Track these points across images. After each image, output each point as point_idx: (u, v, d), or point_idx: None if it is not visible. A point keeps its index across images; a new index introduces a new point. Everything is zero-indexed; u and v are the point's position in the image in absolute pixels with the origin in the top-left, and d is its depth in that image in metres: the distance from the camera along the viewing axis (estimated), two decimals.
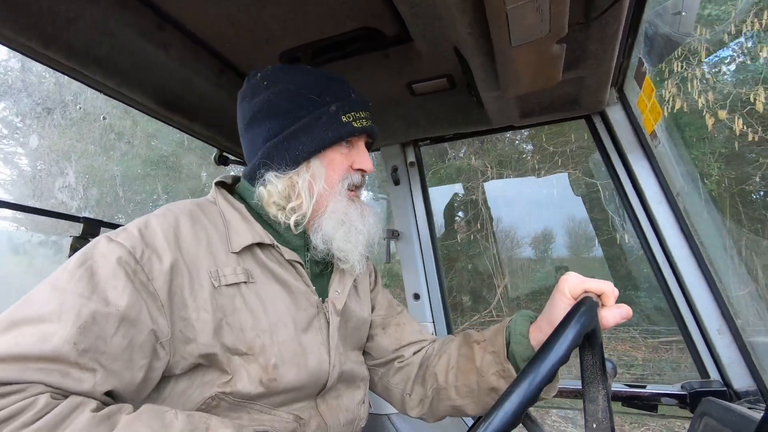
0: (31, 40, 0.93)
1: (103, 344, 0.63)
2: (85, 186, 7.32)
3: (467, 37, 0.88)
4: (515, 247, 8.00)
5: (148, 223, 0.76)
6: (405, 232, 1.82)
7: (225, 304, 0.76)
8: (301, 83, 0.89)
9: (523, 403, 0.50)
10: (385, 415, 1.67)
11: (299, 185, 0.86)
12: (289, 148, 0.86)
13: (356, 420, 0.94)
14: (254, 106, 0.89)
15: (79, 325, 0.62)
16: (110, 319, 0.64)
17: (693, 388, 1.28)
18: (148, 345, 0.68)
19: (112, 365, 0.65)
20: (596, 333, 0.62)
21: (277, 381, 0.77)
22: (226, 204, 0.87)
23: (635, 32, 1.11)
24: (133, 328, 0.67)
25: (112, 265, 0.68)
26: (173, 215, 0.79)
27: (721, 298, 1.24)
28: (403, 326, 1.09)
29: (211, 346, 0.73)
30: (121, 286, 0.67)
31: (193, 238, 0.78)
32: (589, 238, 7.61)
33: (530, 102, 1.36)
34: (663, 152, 1.34)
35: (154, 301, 0.69)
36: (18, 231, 6.85)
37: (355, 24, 1.10)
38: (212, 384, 0.74)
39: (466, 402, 0.92)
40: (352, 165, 0.91)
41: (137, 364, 0.68)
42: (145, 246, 0.72)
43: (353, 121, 0.89)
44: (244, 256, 0.82)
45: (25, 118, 7.14)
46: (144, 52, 1.10)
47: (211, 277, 0.76)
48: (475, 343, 0.94)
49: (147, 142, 8.34)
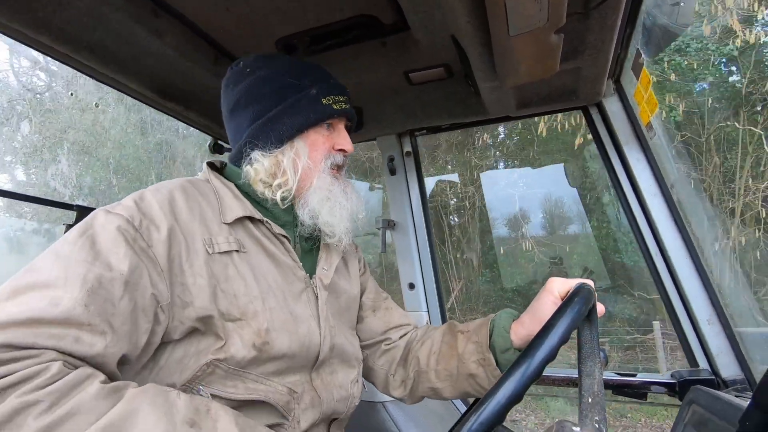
0: (23, 25, 0.91)
1: (112, 307, 0.65)
2: (78, 174, 7.24)
3: (465, 26, 0.88)
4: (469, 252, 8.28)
5: (143, 196, 0.79)
6: (401, 222, 1.83)
7: (218, 271, 0.79)
8: (281, 69, 0.94)
9: (531, 375, 0.53)
10: (380, 402, 1.69)
11: (284, 163, 0.92)
12: (273, 128, 0.91)
13: (350, 398, 0.97)
14: (238, 92, 0.94)
15: (87, 288, 0.63)
16: (115, 283, 0.66)
17: (682, 376, 1.31)
18: (150, 308, 0.71)
19: (122, 327, 0.66)
20: (595, 309, 0.68)
21: (269, 344, 0.80)
22: (218, 182, 0.92)
23: (633, 23, 1.11)
24: (137, 292, 0.69)
25: (112, 233, 0.70)
26: (167, 189, 0.82)
27: (711, 289, 1.26)
28: (391, 310, 1.16)
29: (207, 309, 0.75)
30: (122, 252, 0.69)
31: (188, 210, 0.81)
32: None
33: (527, 92, 1.36)
34: (658, 144, 1.35)
35: (154, 266, 0.72)
36: (10, 219, 6.79)
37: (353, 12, 1.09)
38: (206, 351, 0.76)
39: (444, 385, 1.00)
40: (334, 146, 0.97)
41: (142, 327, 0.70)
42: (143, 216, 0.75)
43: (333, 103, 0.94)
44: (236, 227, 0.86)
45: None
46: (138, 39, 1.08)
47: (206, 245, 0.79)
48: (460, 332, 1.01)
49: (140, 129, 8.25)
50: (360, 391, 1.02)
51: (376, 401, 1.70)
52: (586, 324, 0.66)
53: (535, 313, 0.89)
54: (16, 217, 6.90)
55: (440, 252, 7.87)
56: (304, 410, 0.85)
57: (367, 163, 7.42)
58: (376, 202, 4.39)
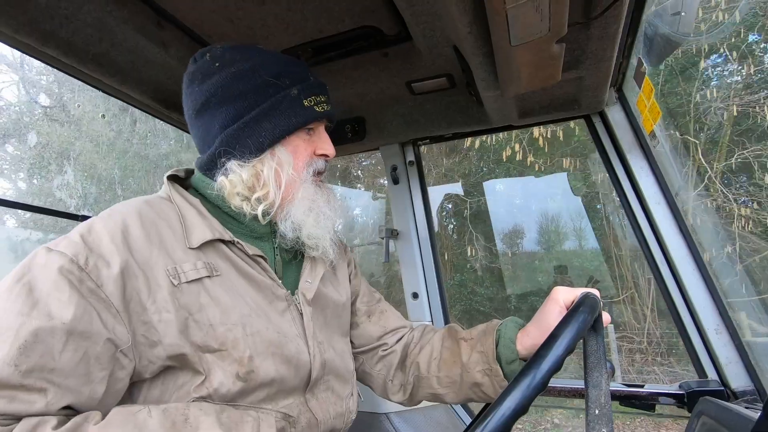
0: (30, 37, 0.93)
1: (51, 361, 0.59)
2: (84, 184, 7.30)
3: (467, 36, 0.88)
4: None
5: (92, 228, 0.70)
6: (404, 231, 1.82)
7: (189, 302, 0.71)
8: (257, 64, 0.83)
9: (536, 386, 0.52)
10: (383, 413, 1.67)
11: (264, 173, 0.82)
12: (251, 134, 0.81)
13: (346, 413, 0.92)
14: (206, 89, 0.82)
15: (18, 345, 0.57)
16: (56, 334, 0.59)
17: (690, 387, 1.29)
18: (105, 355, 0.64)
19: (66, 382, 0.60)
20: (600, 319, 0.67)
21: (254, 373, 0.74)
22: (180, 199, 0.82)
23: (635, 32, 1.12)
24: (86, 341, 0.62)
25: (54, 276, 0.62)
26: (120, 216, 0.73)
27: (718, 298, 1.24)
28: (386, 313, 1.11)
29: (179, 347, 0.69)
30: (66, 297, 0.61)
31: (144, 238, 0.72)
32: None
33: (530, 102, 1.36)
34: (662, 152, 1.34)
35: (107, 308, 0.64)
36: (17, 229, 6.83)
37: (355, 23, 1.10)
38: (187, 389, 0.70)
39: (446, 391, 0.98)
40: (315, 151, 0.89)
41: (95, 377, 0.63)
42: (90, 252, 0.66)
43: (315, 105, 0.85)
44: (206, 250, 0.78)
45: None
46: (143, 51, 1.10)
47: (170, 276, 0.71)
48: (462, 340, 0.98)
49: (144, 140, 8.32)
50: (356, 404, 0.98)
51: (378, 412, 1.68)
52: (592, 334, 0.65)
53: (541, 323, 0.86)
54: (21, 227, 6.95)
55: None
56: None
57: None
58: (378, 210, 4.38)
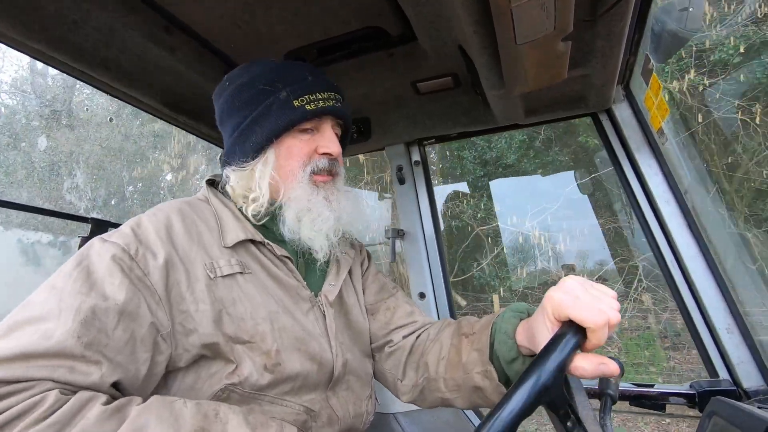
0: (40, 42, 0.94)
1: (106, 337, 0.64)
2: (93, 187, 7.39)
3: (472, 35, 0.88)
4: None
5: (140, 223, 0.78)
6: (410, 231, 1.82)
7: (223, 295, 0.77)
8: (254, 76, 0.89)
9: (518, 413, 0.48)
10: (391, 414, 1.67)
11: (256, 176, 0.88)
12: (245, 140, 0.88)
13: (364, 414, 0.95)
14: (219, 106, 0.93)
15: (80, 319, 0.63)
16: (110, 313, 0.65)
17: (702, 387, 1.27)
18: (149, 338, 0.69)
19: (117, 357, 0.65)
20: (559, 398, 0.53)
21: (281, 366, 0.78)
22: (218, 202, 0.90)
23: (642, 29, 1.10)
24: (133, 322, 0.68)
25: (108, 263, 0.69)
26: (164, 213, 0.81)
27: (729, 296, 1.23)
28: (393, 310, 1.06)
29: (212, 336, 0.74)
30: (118, 282, 0.68)
31: (185, 234, 0.79)
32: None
33: (536, 100, 1.36)
34: (670, 149, 1.33)
35: (151, 294, 0.71)
36: (27, 232, 6.93)
37: (359, 24, 1.10)
38: (219, 376, 0.75)
39: (454, 396, 0.89)
40: (317, 149, 0.90)
41: (140, 357, 0.68)
42: (139, 243, 0.74)
43: (306, 104, 0.87)
44: (239, 250, 0.84)
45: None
46: (151, 55, 1.11)
47: (207, 270, 0.77)
48: (464, 335, 0.89)
49: (153, 142, 8.40)
50: (374, 407, 0.99)
51: (387, 413, 1.68)
52: (555, 409, 0.53)
53: (532, 336, 0.71)
54: (32, 230, 7.05)
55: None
56: (321, 428, 0.84)
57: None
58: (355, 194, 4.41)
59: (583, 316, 0.57)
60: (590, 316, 0.57)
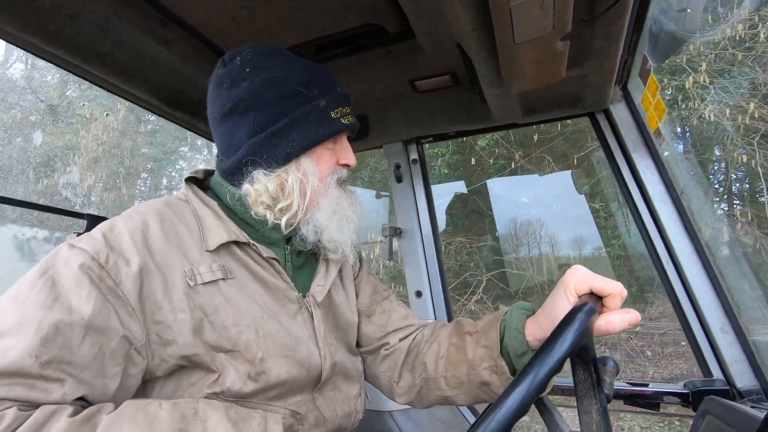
0: (35, 36, 0.93)
1: (70, 354, 0.61)
2: (89, 183, 7.35)
3: (471, 33, 0.88)
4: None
5: (114, 227, 0.73)
6: (408, 229, 1.82)
7: (204, 303, 0.73)
8: (288, 73, 0.84)
9: (514, 414, 0.49)
10: (387, 412, 1.67)
11: (289, 184, 0.83)
12: (278, 144, 0.82)
13: (353, 413, 0.93)
14: (235, 94, 0.83)
15: (40, 336, 0.59)
16: (75, 328, 0.62)
17: (695, 386, 1.28)
18: (120, 352, 0.66)
19: (82, 374, 0.62)
20: (587, 348, 0.60)
21: (266, 374, 0.76)
22: (198, 201, 0.84)
23: (640, 29, 1.11)
24: (102, 336, 0.64)
25: (75, 272, 0.65)
26: (140, 216, 0.76)
27: (724, 296, 1.24)
28: (389, 312, 1.07)
29: (192, 346, 0.71)
30: (86, 293, 0.64)
31: (163, 239, 0.75)
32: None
33: (534, 99, 1.36)
34: (667, 150, 1.33)
35: (123, 305, 0.67)
36: (22, 227, 6.89)
37: (358, 21, 1.10)
38: (200, 385, 0.72)
39: (455, 393, 0.92)
40: (338, 160, 0.91)
41: (110, 371, 0.65)
42: (110, 250, 0.69)
43: (341, 117, 0.87)
44: (221, 253, 0.80)
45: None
46: (147, 49, 1.10)
47: (186, 277, 0.73)
48: (467, 334, 0.92)
49: (149, 138, 8.37)
50: (363, 405, 0.98)
51: (382, 410, 1.68)
52: (578, 362, 0.60)
53: (551, 314, 0.77)
54: (28, 226, 7.01)
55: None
56: (308, 430, 0.82)
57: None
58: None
59: (604, 285, 0.71)
60: (610, 285, 0.71)
